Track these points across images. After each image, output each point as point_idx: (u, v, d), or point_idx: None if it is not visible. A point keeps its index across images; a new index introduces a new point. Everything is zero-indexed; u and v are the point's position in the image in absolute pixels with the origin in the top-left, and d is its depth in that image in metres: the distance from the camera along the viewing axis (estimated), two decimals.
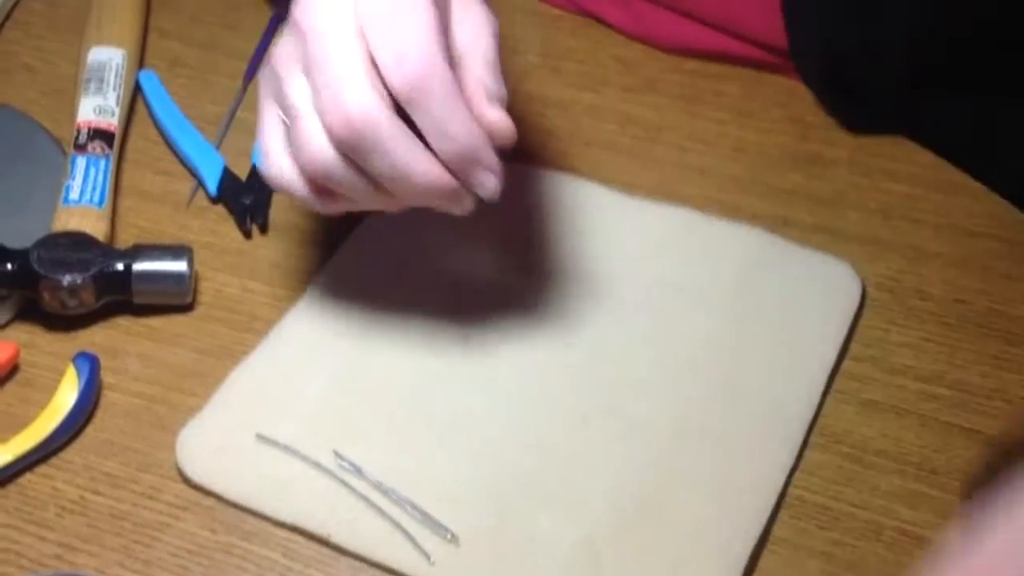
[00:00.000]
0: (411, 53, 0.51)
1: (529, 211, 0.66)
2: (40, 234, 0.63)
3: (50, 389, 0.59)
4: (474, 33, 0.55)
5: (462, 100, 0.52)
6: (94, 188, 0.67)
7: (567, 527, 0.54)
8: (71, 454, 0.57)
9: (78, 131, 0.69)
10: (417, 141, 0.52)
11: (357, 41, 0.51)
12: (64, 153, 0.69)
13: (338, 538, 0.54)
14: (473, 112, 0.53)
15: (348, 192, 0.54)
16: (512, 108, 0.54)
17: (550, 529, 0.54)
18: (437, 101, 0.51)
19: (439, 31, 0.52)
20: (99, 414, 0.59)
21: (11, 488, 0.56)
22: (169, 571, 0.53)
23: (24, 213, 0.67)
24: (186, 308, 0.63)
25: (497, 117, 0.54)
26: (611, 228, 0.66)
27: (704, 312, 0.62)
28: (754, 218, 0.67)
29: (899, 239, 0.66)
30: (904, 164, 0.70)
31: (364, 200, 0.55)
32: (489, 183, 0.54)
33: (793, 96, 0.73)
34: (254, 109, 0.72)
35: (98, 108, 0.70)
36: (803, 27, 0.70)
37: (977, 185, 0.69)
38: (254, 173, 0.69)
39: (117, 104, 0.71)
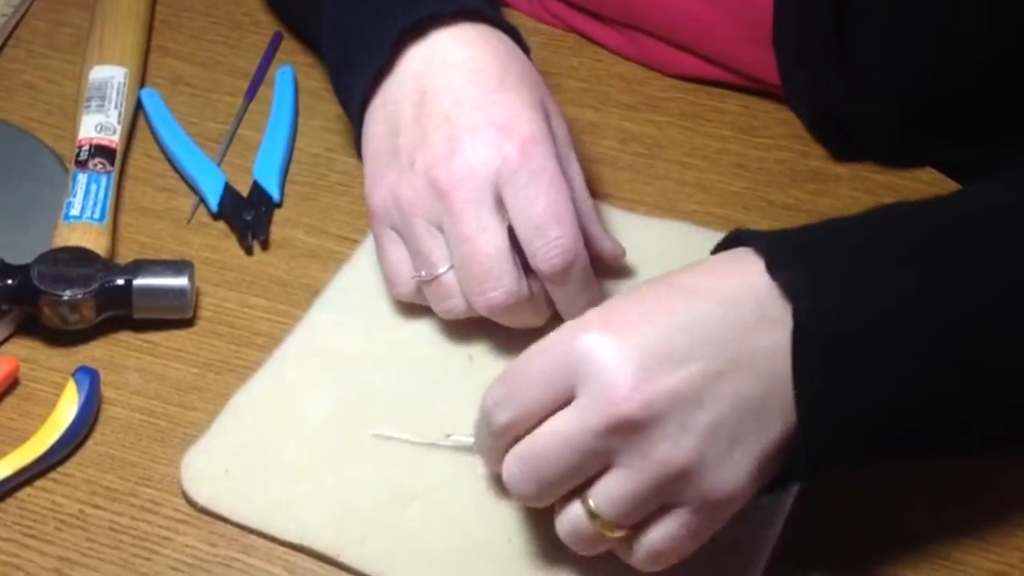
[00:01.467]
0: (557, 245, 0.56)
1: None
2: (41, 250, 0.63)
3: (50, 403, 0.58)
4: (566, 148, 0.60)
5: (593, 276, 0.58)
6: (95, 204, 0.66)
7: None
8: (71, 468, 0.57)
9: (79, 148, 0.69)
10: (544, 308, 0.59)
11: (499, 220, 0.56)
12: (65, 170, 0.69)
13: (346, 558, 0.53)
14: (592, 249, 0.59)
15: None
16: None
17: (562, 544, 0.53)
18: (575, 284, 0.57)
19: (571, 202, 0.57)
20: (99, 428, 0.59)
21: (10, 502, 0.56)
22: None
23: (25, 229, 0.66)
24: (186, 323, 0.63)
25: (613, 252, 0.61)
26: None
27: None
28: None
29: None
30: (907, 180, 0.70)
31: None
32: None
33: (794, 113, 0.73)
34: (255, 127, 0.73)
35: (99, 125, 0.70)
36: (793, 72, 0.70)
37: None
38: (255, 190, 0.69)
39: (119, 122, 0.71)
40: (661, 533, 0.47)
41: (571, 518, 0.49)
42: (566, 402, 0.47)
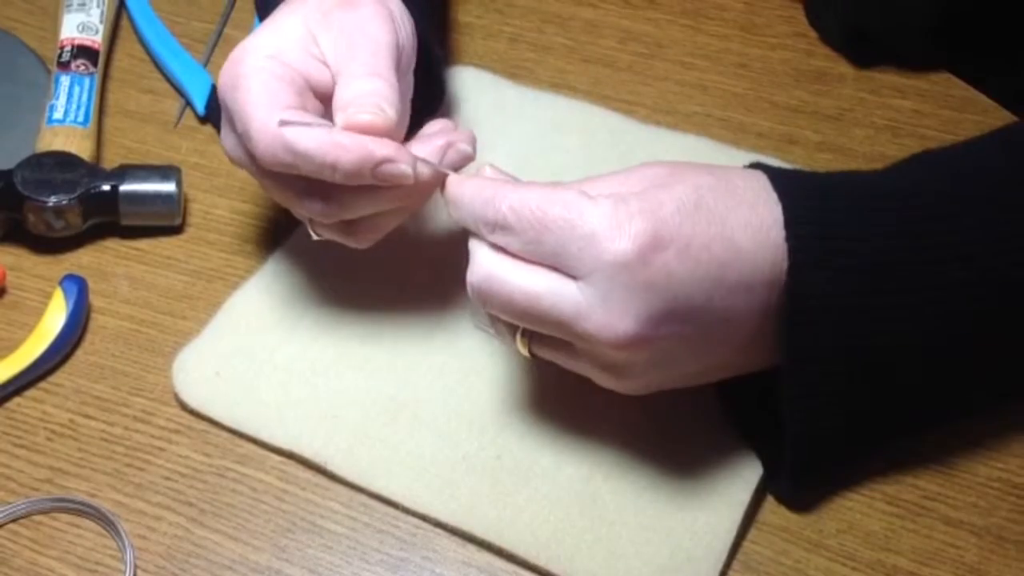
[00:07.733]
0: (253, 142, 0.51)
1: (540, 137, 0.65)
2: (23, 154, 0.61)
3: (37, 312, 0.57)
4: (347, 41, 0.53)
5: (320, 143, 0.50)
6: (78, 107, 0.65)
7: (568, 463, 0.53)
8: (60, 378, 0.56)
9: (61, 49, 0.67)
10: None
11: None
12: (47, 71, 0.67)
13: (333, 466, 0.53)
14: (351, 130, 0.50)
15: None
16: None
17: (551, 464, 0.53)
18: (300, 159, 0.50)
19: (272, 95, 0.51)
20: (88, 337, 0.58)
21: (0, 413, 0.55)
22: (162, 495, 0.52)
23: (6, 133, 0.65)
24: (175, 230, 0.62)
25: (366, 121, 0.50)
26: (625, 157, 0.64)
27: None
28: (758, 137, 0.66)
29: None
30: (912, 79, 0.68)
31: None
32: (399, 174, 0.50)
33: (799, 10, 0.71)
34: (242, 27, 0.71)
35: (82, 25, 0.68)
36: None
37: (986, 100, 0.67)
38: None
39: (101, 21, 0.69)
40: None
41: (501, 333, 0.50)
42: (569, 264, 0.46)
